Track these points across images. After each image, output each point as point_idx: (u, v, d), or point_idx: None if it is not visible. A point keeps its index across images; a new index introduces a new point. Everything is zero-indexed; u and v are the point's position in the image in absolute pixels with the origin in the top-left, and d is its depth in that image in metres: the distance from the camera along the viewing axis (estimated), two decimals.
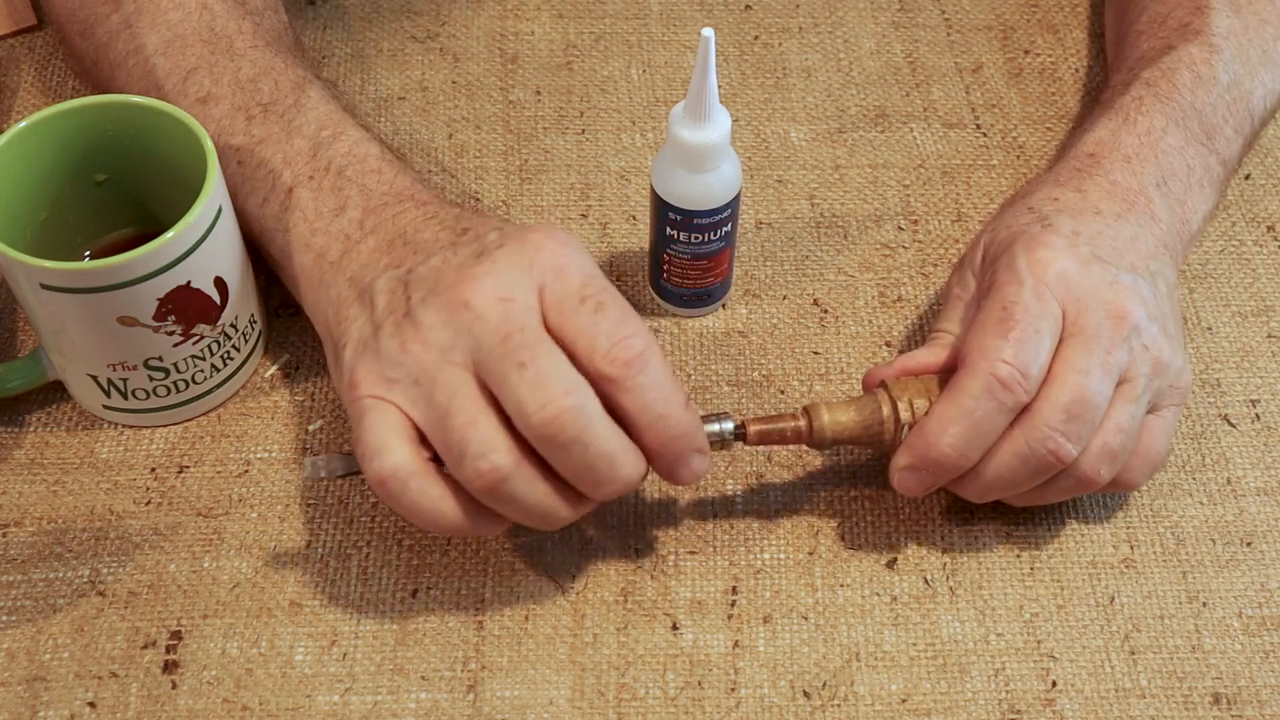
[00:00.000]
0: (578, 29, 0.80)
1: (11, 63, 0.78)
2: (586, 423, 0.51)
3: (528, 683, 0.57)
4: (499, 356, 0.51)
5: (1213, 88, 0.66)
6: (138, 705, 0.56)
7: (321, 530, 0.61)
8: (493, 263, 0.53)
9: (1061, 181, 0.62)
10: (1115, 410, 0.56)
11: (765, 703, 0.57)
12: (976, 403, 0.55)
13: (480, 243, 0.55)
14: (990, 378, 0.54)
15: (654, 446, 0.54)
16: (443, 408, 0.52)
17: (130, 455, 0.63)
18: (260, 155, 0.62)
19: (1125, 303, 0.56)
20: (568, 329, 0.52)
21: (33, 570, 0.59)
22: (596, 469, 0.52)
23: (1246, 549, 0.61)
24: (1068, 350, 0.56)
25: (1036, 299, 0.56)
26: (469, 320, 0.52)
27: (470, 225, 0.57)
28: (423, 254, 0.56)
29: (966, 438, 0.55)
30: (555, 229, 0.55)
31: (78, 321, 0.58)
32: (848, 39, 0.80)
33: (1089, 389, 0.55)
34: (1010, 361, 0.54)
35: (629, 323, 0.53)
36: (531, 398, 0.51)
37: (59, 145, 0.61)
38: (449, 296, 0.53)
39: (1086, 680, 0.57)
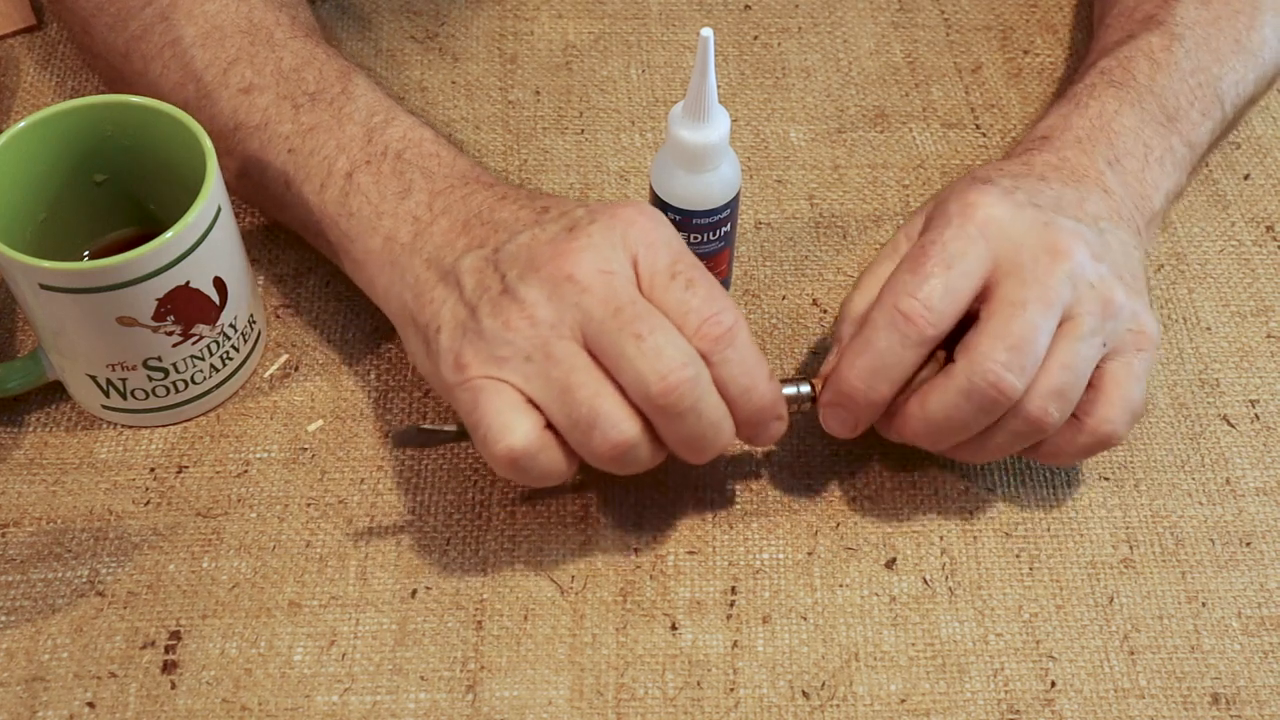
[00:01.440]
0: (577, 29, 0.80)
1: (11, 63, 0.78)
2: (701, 393, 0.53)
3: (527, 683, 0.57)
4: (613, 329, 0.52)
5: (1173, 72, 0.66)
6: (137, 705, 0.56)
7: (321, 530, 0.61)
8: (588, 237, 0.54)
9: (1010, 159, 0.62)
10: (1059, 348, 0.55)
11: (764, 703, 0.57)
12: (879, 335, 0.55)
13: (569, 218, 0.55)
14: (893, 312, 0.55)
15: (740, 415, 0.55)
16: (562, 382, 0.53)
17: (129, 455, 0.63)
18: (312, 143, 0.62)
19: (1062, 240, 0.56)
20: (660, 304, 0.54)
21: (32, 570, 0.60)
22: (705, 436, 0.54)
23: (1246, 549, 0.61)
24: (1002, 287, 0.55)
25: (959, 237, 0.56)
26: (575, 293, 0.53)
27: (550, 204, 0.57)
28: (506, 232, 0.56)
29: (871, 369, 0.56)
30: (642, 205, 0.56)
31: (77, 322, 0.58)
32: (847, 39, 0.80)
33: (1025, 319, 0.54)
34: (914, 295, 0.55)
35: (718, 299, 0.54)
36: (651, 369, 0.52)
37: (58, 145, 0.61)
38: (550, 270, 0.53)
39: (1086, 680, 0.57)
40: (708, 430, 0.54)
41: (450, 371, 0.54)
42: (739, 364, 0.54)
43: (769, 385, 0.55)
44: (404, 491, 0.62)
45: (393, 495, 0.62)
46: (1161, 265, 0.70)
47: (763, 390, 0.55)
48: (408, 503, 0.62)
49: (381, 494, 0.62)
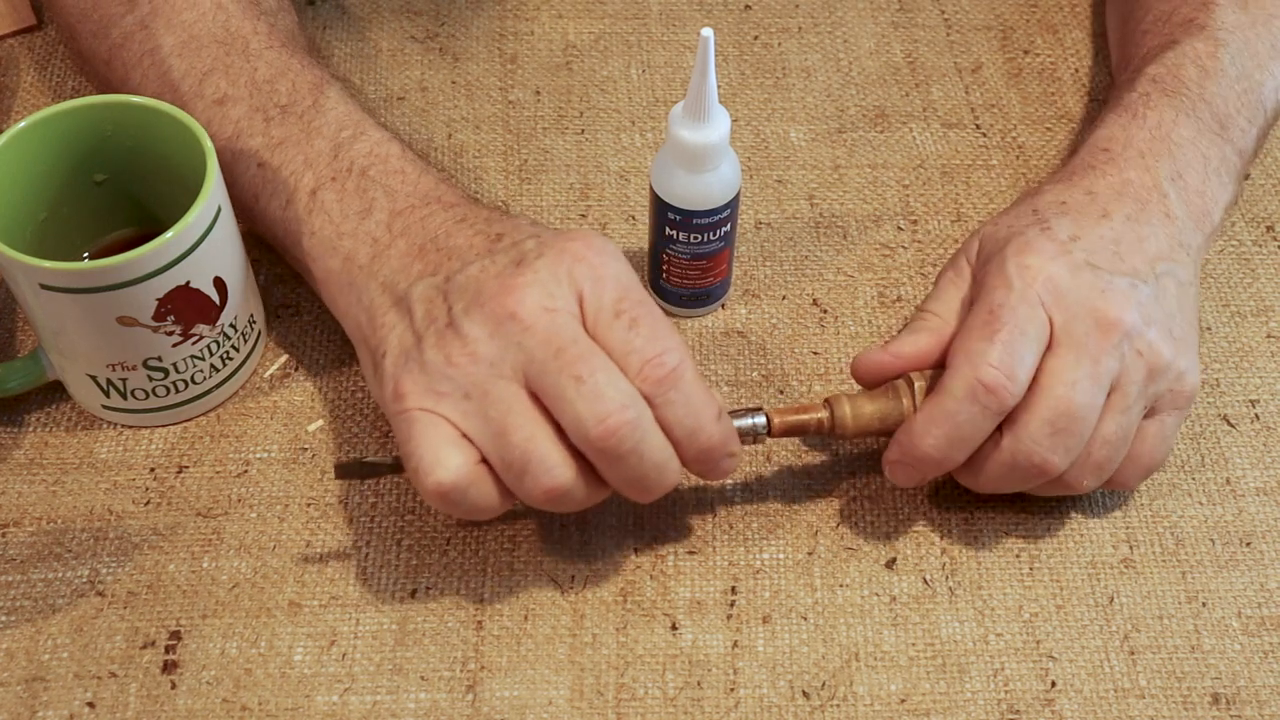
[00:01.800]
0: (577, 29, 0.80)
1: (11, 63, 0.78)
2: (643, 435, 0.52)
3: (527, 683, 0.57)
4: (554, 370, 0.52)
5: (1220, 79, 0.65)
6: (137, 705, 0.56)
7: (321, 530, 0.61)
8: (534, 272, 0.53)
9: (1073, 181, 0.62)
10: (1104, 422, 0.56)
11: (764, 703, 0.57)
12: (960, 406, 0.55)
13: (518, 250, 0.55)
14: (975, 382, 0.55)
15: (687, 455, 0.55)
16: (498, 423, 0.52)
17: (129, 455, 0.63)
18: (281, 157, 0.62)
19: (1115, 310, 0.56)
20: (604, 343, 0.53)
21: (32, 570, 0.60)
22: (649, 477, 0.54)
23: (1246, 549, 0.61)
24: (1054, 360, 0.55)
25: (1023, 302, 0.56)
26: (517, 332, 0.53)
27: (504, 230, 0.57)
28: (458, 260, 0.56)
29: (949, 439, 0.56)
30: (592, 236, 0.55)
31: (77, 321, 0.58)
32: (847, 39, 0.80)
33: (1076, 401, 0.55)
34: (995, 365, 0.55)
35: (661, 338, 0.53)
36: (590, 412, 0.51)
37: (58, 145, 0.61)
38: (493, 307, 0.53)
39: (1086, 680, 0.57)
40: (650, 471, 0.54)
41: (390, 399, 0.54)
42: (683, 405, 0.53)
43: (716, 425, 0.54)
44: (404, 492, 0.62)
45: (392, 495, 0.62)
46: None
47: (709, 431, 0.54)
48: (408, 503, 0.62)
49: (381, 494, 0.62)
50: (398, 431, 0.54)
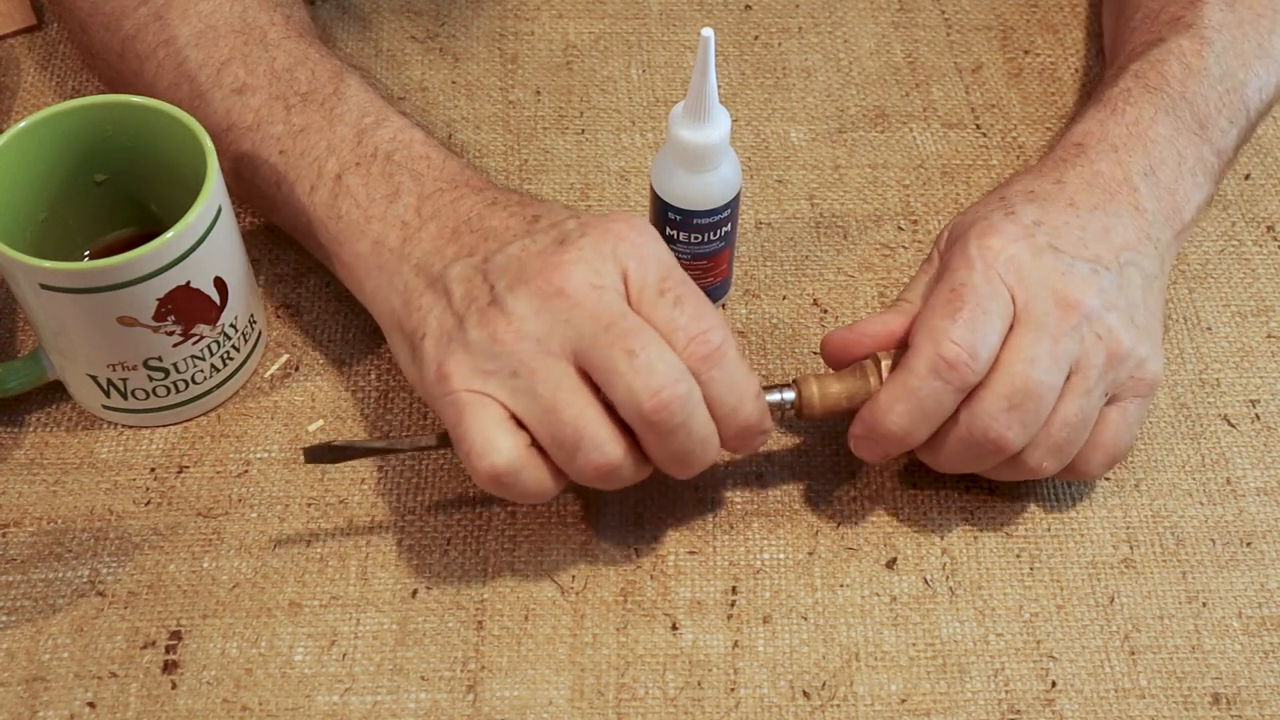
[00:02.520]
0: (577, 29, 0.80)
1: (11, 63, 0.78)
2: (692, 409, 0.53)
3: (527, 683, 0.57)
4: (605, 345, 0.52)
5: (1204, 78, 0.66)
6: (137, 705, 0.56)
7: (321, 530, 0.61)
8: (579, 250, 0.54)
9: (1044, 172, 0.62)
10: (1064, 403, 0.56)
11: (765, 703, 0.57)
12: (922, 382, 0.55)
13: (560, 230, 0.55)
14: (937, 358, 0.55)
15: (727, 432, 0.55)
16: (548, 400, 0.52)
17: (130, 455, 0.63)
18: (303, 144, 0.62)
19: (1076, 292, 0.56)
20: (649, 319, 0.53)
21: (32, 570, 0.60)
22: (694, 453, 0.54)
23: (1246, 549, 0.61)
24: (1015, 338, 0.56)
25: (985, 281, 0.56)
26: (565, 308, 0.53)
27: (540, 212, 0.57)
28: (496, 241, 0.56)
29: (912, 416, 0.56)
30: (634, 218, 0.55)
31: (77, 322, 0.58)
32: (847, 39, 0.80)
33: (1033, 378, 0.55)
34: (957, 341, 0.55)
35: (706, 316, 0.54)
36: (644, 385, 0.52)
37: (59, 145, 0.61)
38: (539, 284, 0.53)
39: (1086, 680, 0.57)
40: (696, 447, 0.54)
41: (433, 381, 0.54)
42: (727, 383, 0.54)
43: (755, 403, 0.55)
44: (404, 491, 0.62)
45: (393, 495, 0.62)
46: None
47: (749, 409, 0.55)
48: (408, 503, 0.62)
49: (381, 494, 0.62)
50: (444, 415, 0.54)
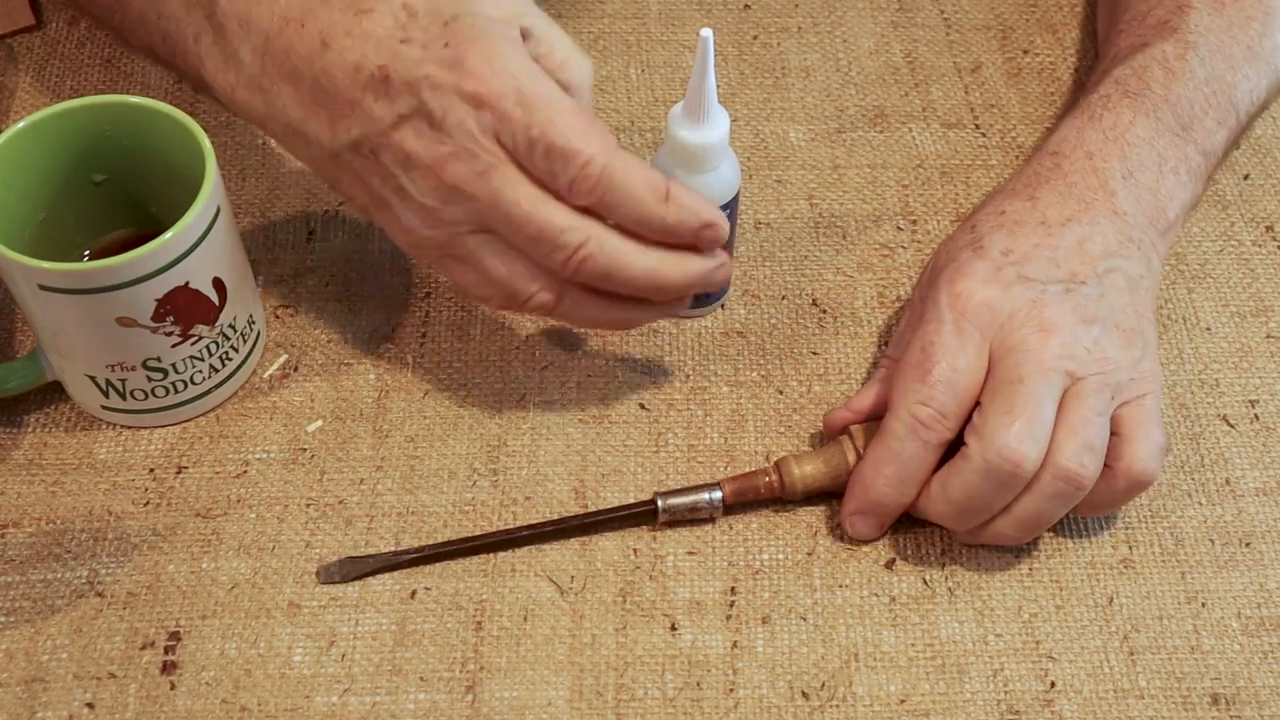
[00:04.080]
0: (576, 29, 0.80)
1: (10, 63, 0.78)
2: (609, 258, 0.55)
3: (526, 683, 0.57)
4: (510, 231, 0.55)
5: (1188, 81, 0.66)
6: (136, 706, 0.56)
7: (320, 530, 0.61)
8: (450, 135, 0.54)
9: (1016, 191, 0.63)
10: (1069, 408, 0.56)
11: (764, 703, 0.57)
12: (902, 444, 0.57)
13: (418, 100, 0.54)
14: (911, 420, 0.57)
15: (660, 240, 0.56)
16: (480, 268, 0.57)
17: (129, 456, 0.63)
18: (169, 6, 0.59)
19: (1051, 316, 0.57)
20: (534, 174, 0.55)
21: (31, 571, 0.59)
22: (640, 286, 0.57)
23: (1245, 549, 0.61)
24: (1000, 367, 0.57)
25: (956, 334, 0.58)
26: (464, 199, 0.55)
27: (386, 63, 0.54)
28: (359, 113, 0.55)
29: (899, 477, 0.58)
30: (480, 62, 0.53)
31: (76, 322, 0.58)
32: (847, 39, 0.80)
33: (1025, 391, 0.56)
34: (927, 403, 0.57)
35: (579, 151, 0.54)
36: (555, 258, 0.55)
37: (57, 145, 0.61)
38: (432, 181, 0.55)
39: (1085, 681, 0.57)
40: (641, 279, 0.56)
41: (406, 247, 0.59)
42: (625, 199, 0.55)
43: (664, 206, 0.55)
44: (404, 491, 0.62)
45: (392, 495, 0.62)
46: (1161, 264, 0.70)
47: (659, 215, 0.55)
48: (407, 502, 0.62)
49: (381, 494, 0.62)
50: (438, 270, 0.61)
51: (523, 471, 0.63)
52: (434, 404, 0.65)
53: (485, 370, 0.66)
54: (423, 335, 0.67)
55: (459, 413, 0.64)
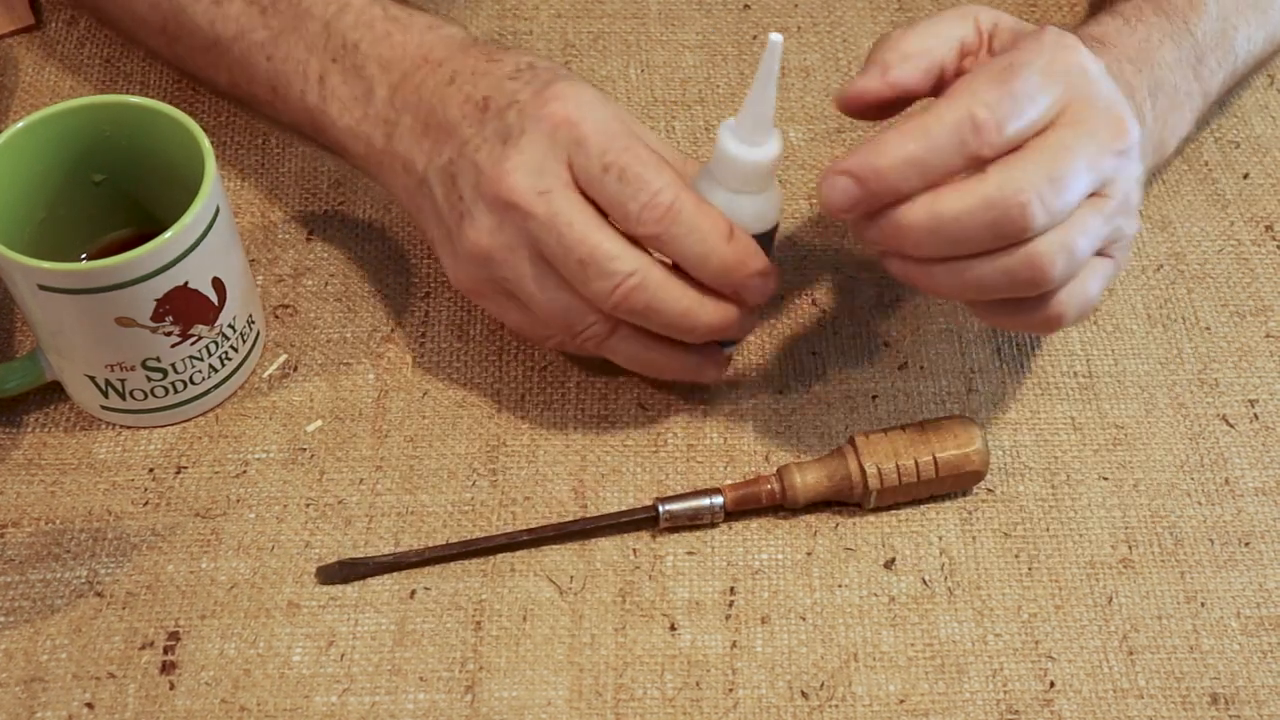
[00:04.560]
0: (576, 29, 0.80)
1: (10, 63, 0.77)
2: (652, 292, 0.56)
3: (526, 683, 0.57)
4: (560, 255, 0.56)
5: (1204, 14, 0.65)
6: (135, 706, 0.56)
7: (319, 530, 0.61)
8: (520, 154, 0.56)
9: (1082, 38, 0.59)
10: (1086, 213, 0.54)
11: (763, 703, 0.57)
12: (942, 131, 0.52)
13: (502, 122, 0.57)
14: (967, 114, 0.52)
15: (712, 285, 0.57)
16: (528, 294, 0.58)
17: (128, 456, 0.63)
18: (285, 48, 0.63)
19: (1128, 123, 0.54)
20: (600, 200, 0.56)
21: (30, 571, 0.59)
22: (678, 326, 0.57)
23: (1245, 549, 0.61)
24: (1061, 131, 0.53)
25: (1047, 72, 0.53)
26: (519, 219, 0.56)
27: (490, 92, 0.58)
28: (455, 137, 0.58)
29: (916, 160, 0.52)
30: (568, 91, 0.56)
31: (75, 322, 0.58)
32: (846, 39, 0.80)
33: (1074, 166, 0.52)
34: (991, 107, 0.52)
35: (650, 181, 0.55)
36: (599, 286, 0.56)
37: (57, 145, 0.61)
38: (491, 197, 0.56)
39: (1085, 680, 0.57)
40: (677, 320, 0.57)
41: (460, 287, 0.60)
42: (689, 235, 0.55)
43: (727, 248, 0.55)
44: (403, 491, 0.62)
45: (392, 495, 0.62)
46: (1161, 265, 0.70)
47: (719, 255, 0.56)
48: (407, 502, 0.62)
49: (381, 494, 0.62)
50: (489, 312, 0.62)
51: (522, 471, 0.63)
52: (434, 404, 0.65)
53: (485, 370, 0.66)
54: (423, 335, 0.67)
55: (459, 413, 0.64)
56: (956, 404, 0.65)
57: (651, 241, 0.56)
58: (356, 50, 0.61)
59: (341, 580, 0.59)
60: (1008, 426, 0.64)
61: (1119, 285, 0.69)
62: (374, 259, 0.69)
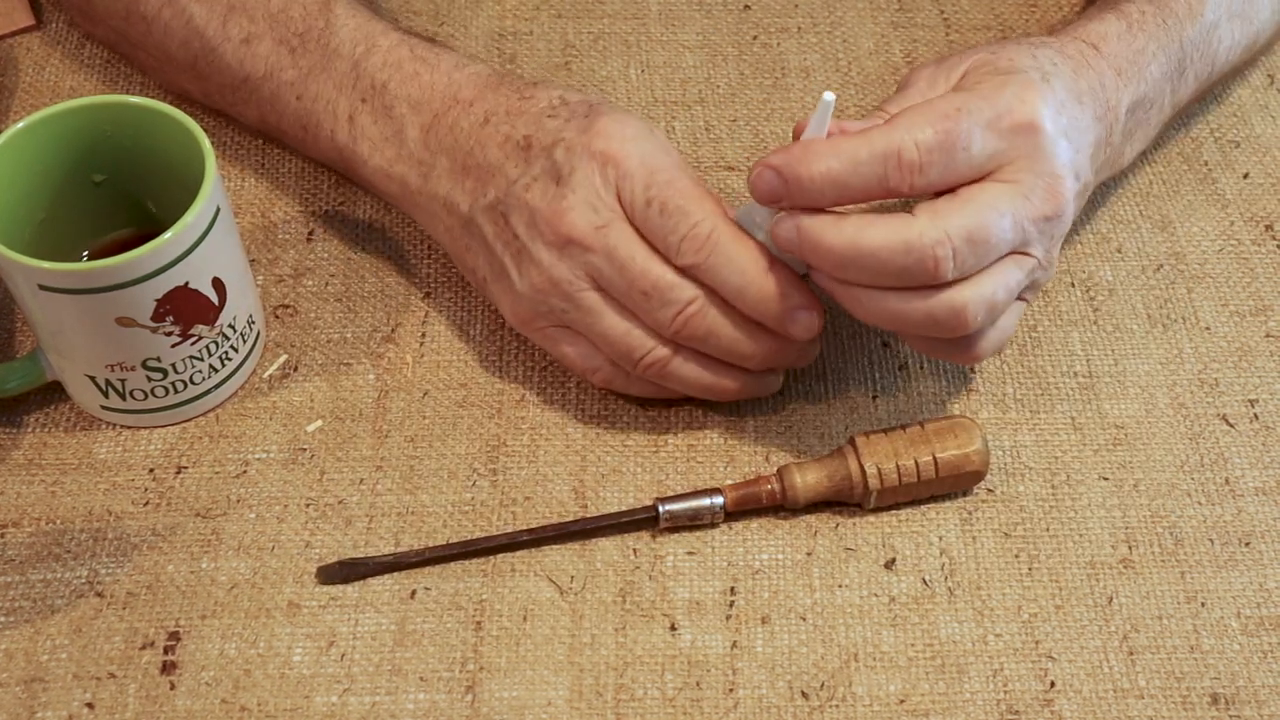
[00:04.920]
0: (576, 29, 0.80)
1: (10, 63, 0.77)
2: (712, 318, 0.58)
3: (526, 683, 0.57)
4: (623, 287, 0.57)
5: (1198, 23, 0.65)
6: (136, 706, 0.56)
7: (320, 530, 0.61)
8: (573, 192, 0.57)
9: (1067, 54, 0.60)
10: (1008, 269, 0.55)
11: (763, 703, 0.57)
12: (869, 157, 0.53)
13: (550, 161, 0.58)
14: (897, 149, 0.53)
15: (754, 316, 0.58)
16: (594, 329, 0.59)
17: (128, 456, 0.63)
18: (315, 87, 0.64)
19: (1064, 189, 0.56)
20: (645, 233, 0.57)
21: (31, 571, 0.59)
22: (733, 351, 0.59)
23: (1245, 549, 0.61)
24: (993, 187, 0.55)
25: (994, 126, 0.54)
26: (580, 253, 0.57)
27: (530, 132, 0.59)
28: (500, 177, 0.59)
29: (836, 180, 0.54)
30: (611, 128, 0.58)
31: (76, 322, 0.58)
32: (846, 39, 0.80)
33: (996, 226, 0.54)
34: (921, 149, 0.53)
35: (690, 214, 0.56)
36: (663, 314, 0.57)
37: (57, 145, 0.61)
38: (550, 235, 0.58)
39: (1085, 681, 0.57)
40: (732, 345, 0.58)
41: (515, 323, 0.61)
42: (726, 265, 0.56)
43: (765, 279, 0.56)
44: (403, 491, 0.62)
45: (392, 495, 0.62)
46: (1161, 265, 0.70)
47: (757, 287, 0.57)
48: (407, 502, 0.62)
49: (381, 494, 0.62)
50: (544, 346, 0.62)
51: (522, 471, 0.63)
52: (434, 404, 0.65)
53: (485, 370, 0.66)
54: (423, 335, 0.67)
55: (459, 413, 0.64)
56: (956, 404, 0.65)
57: (693, 271, 0.57)
58: (385, 90, 0.62)
59: (342, 580, 0.59)
60: (1008, 426, 0.65)
61: (1119, 285, 0.69)
62: (374, 259, 0.70)
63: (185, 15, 0.66)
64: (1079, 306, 0.69)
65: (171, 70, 0.70)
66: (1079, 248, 0.71)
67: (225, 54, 0.66)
